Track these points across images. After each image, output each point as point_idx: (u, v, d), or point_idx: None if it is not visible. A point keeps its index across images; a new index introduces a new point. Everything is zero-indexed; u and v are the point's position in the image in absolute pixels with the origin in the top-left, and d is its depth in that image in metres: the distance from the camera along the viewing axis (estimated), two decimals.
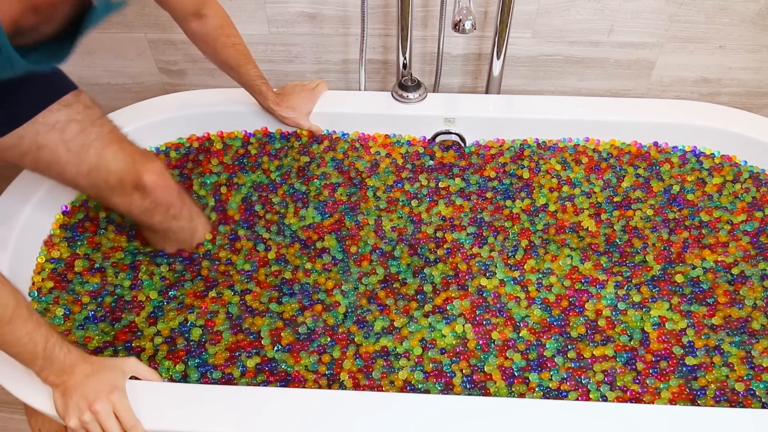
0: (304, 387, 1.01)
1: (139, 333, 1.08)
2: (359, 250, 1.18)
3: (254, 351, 1.05)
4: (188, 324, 1.08)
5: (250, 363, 1.03)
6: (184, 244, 1.18)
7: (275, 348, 1.05)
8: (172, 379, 1.02)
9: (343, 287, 1.13)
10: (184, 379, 1.03)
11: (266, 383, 1.02)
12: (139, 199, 1.08)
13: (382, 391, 1.00)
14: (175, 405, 0.93)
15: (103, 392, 0.90)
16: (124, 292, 1.13)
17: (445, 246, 1.19)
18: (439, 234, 1.21)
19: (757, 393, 0.99)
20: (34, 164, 1.02)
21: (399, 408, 0.92)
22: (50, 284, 1.14)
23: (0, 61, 0.73)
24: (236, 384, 1.01)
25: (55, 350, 0.88)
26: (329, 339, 1.07)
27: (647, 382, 1.01)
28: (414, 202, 1.27)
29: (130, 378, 0.95)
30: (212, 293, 1.12)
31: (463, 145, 1.36)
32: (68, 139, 1.01)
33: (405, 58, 1.35)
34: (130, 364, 0.96)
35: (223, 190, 1.29)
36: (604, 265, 1.16)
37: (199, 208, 1.21)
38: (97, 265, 1.17)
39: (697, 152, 1.33)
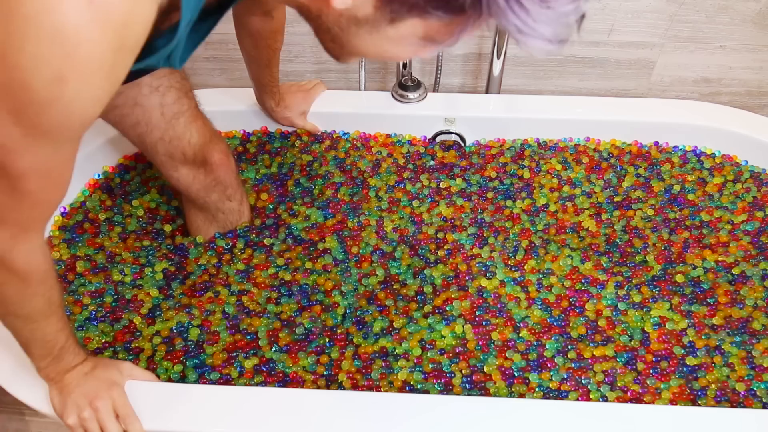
0: (302, 387, 1.01)
1: (138, 333, 1.08)
2: (360, 251, 1.18)
3: (252, 352, 1.05)
4: (186, 324, 1.08)
5: (248, 364, 1.03)
6: (229, 226, 1.21)
7: (273, 348, 1.05)
8: (170, 380, 1.02)
9: (342, 288, 1.13)
10: (183, 379, 1.02)
11: (264, 384, 1.02)
12: (203, 174, 1.12)
13: (380, 391, 1.00)
14: (173, 405, 0.92)
15: (103, 389, 0.89)
16: (125, 290, 1.13)
17: (445, 247, 1.19)
18: (440, 235, 1.21)
19: (758, 393, 0.99)
20: (119, 119, 1.03)
21: (398, 408, 0.91)
22: None
23: (168, 56, 0.71)
24: (234, 385, 1.01)
25: (68, 351, 0.87)
26: (328, 339, 1.06)
27: (648, 382, 1.00)
28: (415, 203, 1.26)
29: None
30: (209, 293, 1.12)
31: (463, 144, 1.36)
32: (166, 104, 1.04)
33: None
34: (126, 366, 0.95)
35: None
36: (604, 265, 1.15)
37: (247, 195, 1.24)
38: (100, 265, 1.17)
39: (697, 152, 1.33)
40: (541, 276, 1.14)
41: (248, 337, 1.07)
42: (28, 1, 0.50)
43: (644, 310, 1.09)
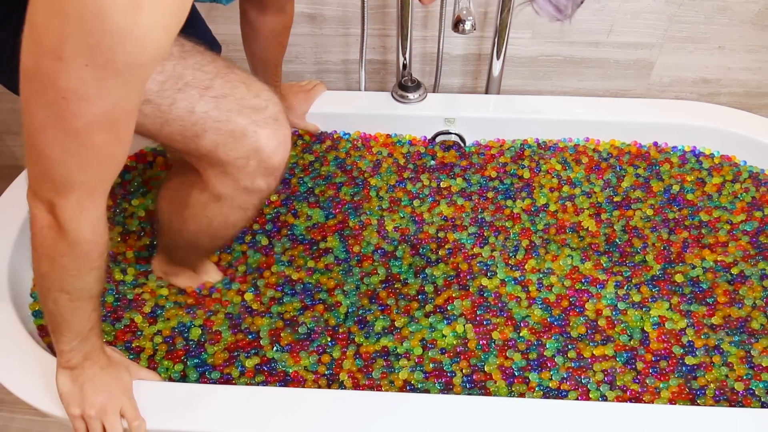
0: (303, 387, 1.01)
1: (139, 333, 1.08)
2: (362, 250, 1.19)
3: (253, 351, 1.05)
4: (188, 324, 1.08)
5: (249, 363, 1.03)
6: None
7: (274, 348, 1.06)
8: (171, 379, 1.03)
9: (345, 288, 1.13)
10: (183, 379, 1.03)
11: (265, 383, 1.02)
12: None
13: (381, 390, 1.00)
14: (174, 405, 0.93)
15: (117, 390, 0.88)
16: (127, 290, 1.13)
17: (446, 246, 1.19)
18: (441, 234, 1.21)
19: (756, 392, 1.00)
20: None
21: (399, 407, 0.92)
22: None
23: None
24: (235, 384, 1.02)
25: (94, 333, 0.84)
26: (329, 339, 1.07)
27: (647, 381, 1.01)
28: (416, 202, 1.27)
29: None
30: (215, 294, 1.12)
31: (462, 145, 1.36)
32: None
33: (405, 59, 1.35)
34: (133, 367, 0.95)
35: None
36: (604, 265, 1.16)
37: None
38: None
39: (696, 152, 1.33)
40: (541, 275, 1.14)
41: (249, 336, 1.07)
42: None
43: (644, 309, 1.10)
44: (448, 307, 1.10)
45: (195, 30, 0.99)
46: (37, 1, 0.54)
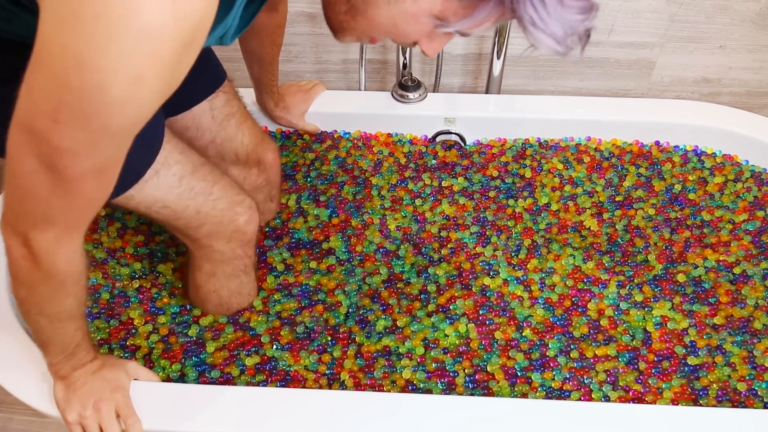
0: (304, 387, 1.01)
1: (134, 330, 1.07)
2: (364, 249, 1.18)
3: (253, 350, 1.05)
4: (188, 321, 1.08)
5: (250, 362, 1.03)
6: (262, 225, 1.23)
7: (274, 347, 1.05)
8: (169, 378, 1.02)
9: (345, 288, 1.13)
10: (182, 378, 1.02)
11: (266, 382, 1.01)
12: (255, 174, 1.15)
13: (383, 390, 1.00)
14: (174, 405, 0.92)
15: (108, 390, 0.89)
16: (124, 286, 1.12)
17: (449, 245, 1.19)
18: (443, 233, 1.21)
19: (759, 393, 0.99)
20: (169, 124, 1.03)
21: (400, 408, 0.91)
22: None
23: (221, 36, 0.70)
24: (235, 384, 1.01)
25: (81, 348, 0.87)
26: (330, 338, 1.06)
27: (649, 381, 1.00)
28: (418, 201, 1.26)
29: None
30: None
31: (463, 144, 1.36)
32: (216, 107, 1.06)
33: (405, 58, 1.35)
34: (132, 366, 0.95)
35: None
36: (606, 265, 1.15)
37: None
38: (99, 260, 1.16)
39: (698, 152, 1.33)
40: (543, 275, 1.14)
41: (250, 334, 1.07)
42: (116, 4, 0.50)
43: (646, 309, 1.09)
44: (451, 307, 1.09)
45: (208, 65, 1.06)
46: (38, 65, 0.55)
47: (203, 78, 1.06)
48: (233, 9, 0.67)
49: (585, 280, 1.13)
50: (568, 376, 1.01)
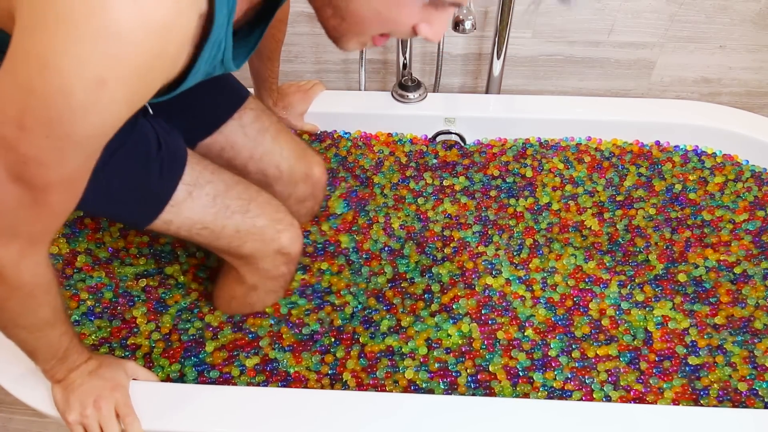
0: (305, 387, 1.01)
1: (135, 330, 1.07)
2: (370, 248, 1.18)
3: (253, 351, 1.04)
4: (187, 322, 1.08)
5: (250, 362, 1.03)
6: None
7: (276, 348, 1.05)
8: (168, 378, 1.02)
9: (352, 289, 1.13)
10: (181, 378, 1.02)
11: (266, 383, 1.01)
12: (302, 189, 1.14)
13: (385, 390, 1.00)
14: (174, 405, 0.92)
15: (107, 388, 0.89)
16: (126, 286, 1.12)
17: (452, 244, 1.19)
18: (446, 232, 1.21)
19: (760, 393, 0.99)
20: (205, 151, 1.04)
21: (401, 408, 0.91)
22: None
23: (221, 60, 0.69)
24: (235, 384, 1.01)
25: (72, 351, 0.87)
26: (333, 339, 1.06)
27: (650, 381, 1.00)
28: (420, 200, 1.26)
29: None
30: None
31: (463, 144, 1.36)
32: (245, 124, 1.07)
33: (405, 58, 1.35)
34: (131, 366, 0.95)
35: None
36: (607, 265, 1.15)
37: None
38: (102, 259, 1.16)
39: (698, 151, 1.33)
40: (545, 275, 1.14)
41: (249, 336, 1.06)
42: (77, 6, 0.50)
43: (647, 309, 1.09)
44: (454, 306, 1.09)
45: (228, 84, 1.07)
46: (4, 72, 0.55)
47: (223, 97, 1.06)
48: (213, 30, 0.62)
49: (586, 280, 1.13)
50: (569, 376, 1.01)
